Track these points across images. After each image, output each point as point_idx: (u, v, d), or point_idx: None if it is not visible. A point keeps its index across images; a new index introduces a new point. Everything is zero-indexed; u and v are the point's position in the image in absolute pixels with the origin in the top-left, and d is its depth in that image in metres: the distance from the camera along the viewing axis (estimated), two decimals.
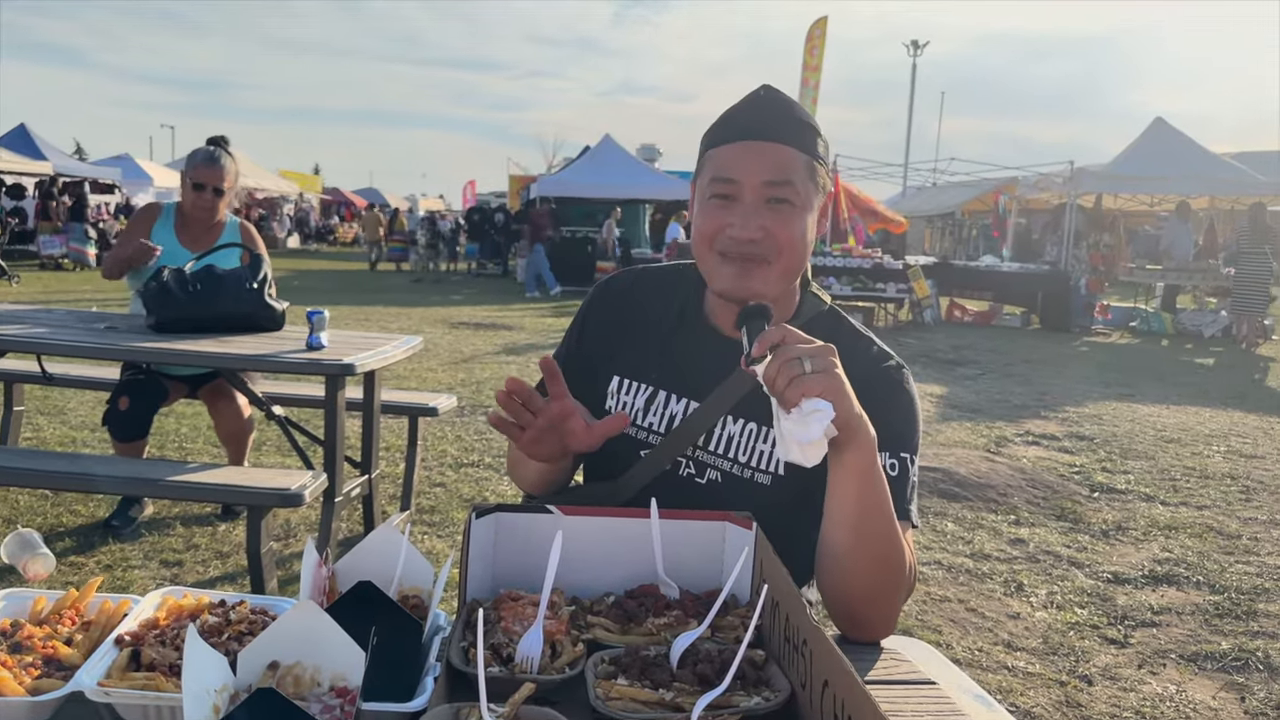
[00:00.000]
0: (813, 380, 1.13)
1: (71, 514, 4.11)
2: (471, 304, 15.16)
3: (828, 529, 1.30)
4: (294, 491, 2.85)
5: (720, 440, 1.49)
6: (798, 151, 1.38)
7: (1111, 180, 15.65)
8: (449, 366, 8.41)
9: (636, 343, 1.56)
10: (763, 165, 1.37)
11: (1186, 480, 5.60)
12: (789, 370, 1.14)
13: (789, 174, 1.37)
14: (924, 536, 4.39)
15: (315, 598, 1.12)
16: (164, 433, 5.53)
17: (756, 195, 1.37)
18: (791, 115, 1.41)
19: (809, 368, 1.14)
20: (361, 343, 3.57)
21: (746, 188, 1.38)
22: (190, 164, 3.93)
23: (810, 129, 1.42)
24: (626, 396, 1.55)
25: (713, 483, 1.50)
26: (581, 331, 1.63)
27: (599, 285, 1.67)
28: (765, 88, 1.46)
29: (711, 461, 1.50)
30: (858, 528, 1.27)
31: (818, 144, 1.43)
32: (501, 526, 1.28)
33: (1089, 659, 3.27)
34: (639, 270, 1.67)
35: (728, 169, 1.40)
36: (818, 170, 1.41)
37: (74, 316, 3.86)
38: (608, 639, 1.17)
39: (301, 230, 34.58)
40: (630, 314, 1.58)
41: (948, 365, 9.94)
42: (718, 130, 1.44)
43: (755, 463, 1.48)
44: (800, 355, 1.15)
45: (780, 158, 1.38)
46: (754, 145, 1.38)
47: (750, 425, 1.48)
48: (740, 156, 1.39)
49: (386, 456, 5.19)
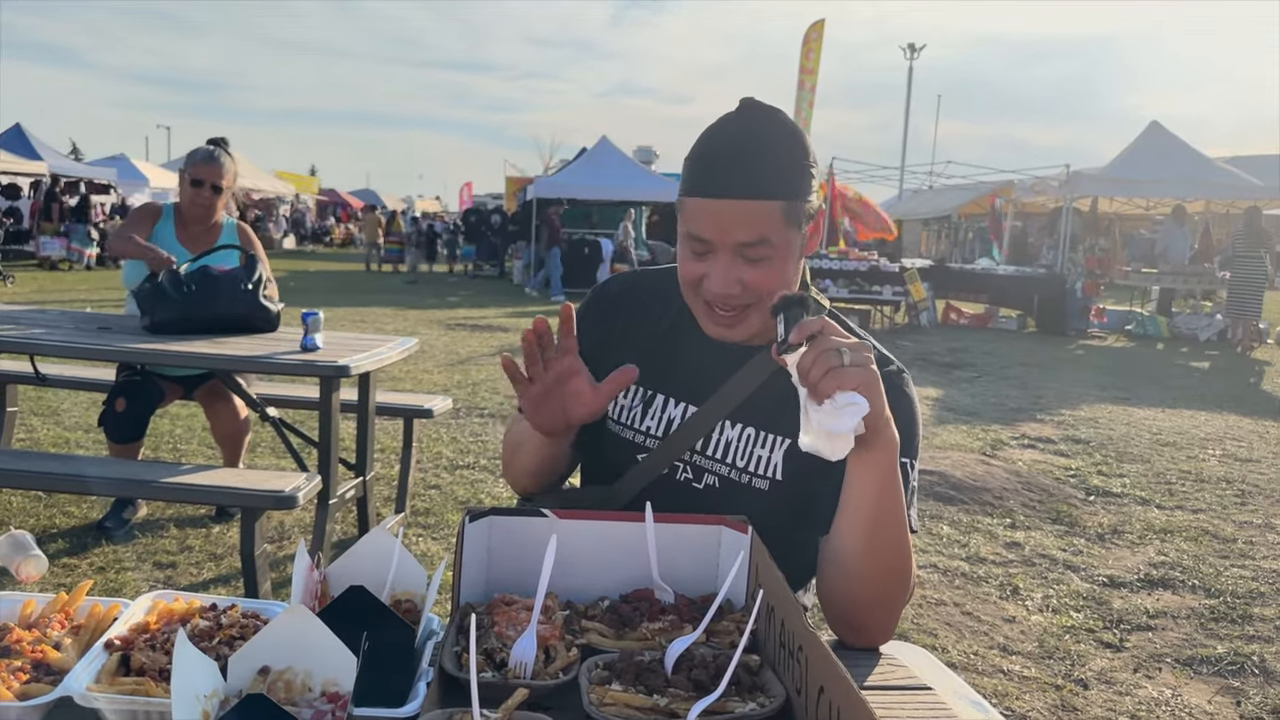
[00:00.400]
0: (850, 373, 1.12)
1: (65, 515, 4.09)
2: (468, 305, 15.15)
3: (840, 532, 1.29)
4: (288, 494, 2.84)
5: (718, 445, 1.48)
6: (774, 202, 1.31)
7: (1107, 184, 15.68)
8: (444, 368, 8.40)
9: (635, 345, 1.54)
10: (736, 226, 1.32)
11: (1182, 484, 5.60)
12: (826, 360, 1.13)
13: (764, 231, 1.32)
14: (920, 540, 4.39)
15: (307, 602, 1.11)
16: (158, 434, 5.51)
17: (731, 253, 1.33)
18: (767, 159, 1.32)
19: (847, 360, 1.13)
20: (356, 344, 3.56)
21: (720, 247, 1.34)
22: (190, 161, 3.93)
23: (789, 166, 1.33)
24: (624, 400, 1.54)
25: (710, 487, 1.49)
26: (579, 334, 1.62)
27: (598, 287, 1.66)
28: (742, 112, 1.37)
29: (709, 466, 1.49)
30: (872, 532, 1.27)
31: (799, 179, 1.34)
32: (495, 530, 1.27)
33: (1084, 663, 3.26)
34: (638, 272, 1.66)
35: (700, 228, 1.35)
36: (800, 208, 1.34)
37: (68, 317, 3.84)
38: (602, 644, 1.16)
39: (297, 231, 34.55)
40: (629, 316, 1.57)
41: (944, 368, 9.94)
42: (691, 174, 1.36)
43: (753, 468, 1.47)
44: (839, 347, 1.14)
45: (754, 216, 1.31)
46: (726, 205, 1.31)
47: (749, 430, 1.47)
48: (712, 217, 1.33)
49: (381, 458, 5.18)
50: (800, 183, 1.33)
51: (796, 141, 1.34)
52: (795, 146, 1.34)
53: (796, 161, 1.33)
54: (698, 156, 1.36)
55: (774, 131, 1.33)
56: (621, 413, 1.54)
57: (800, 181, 1.33)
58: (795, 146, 1.34)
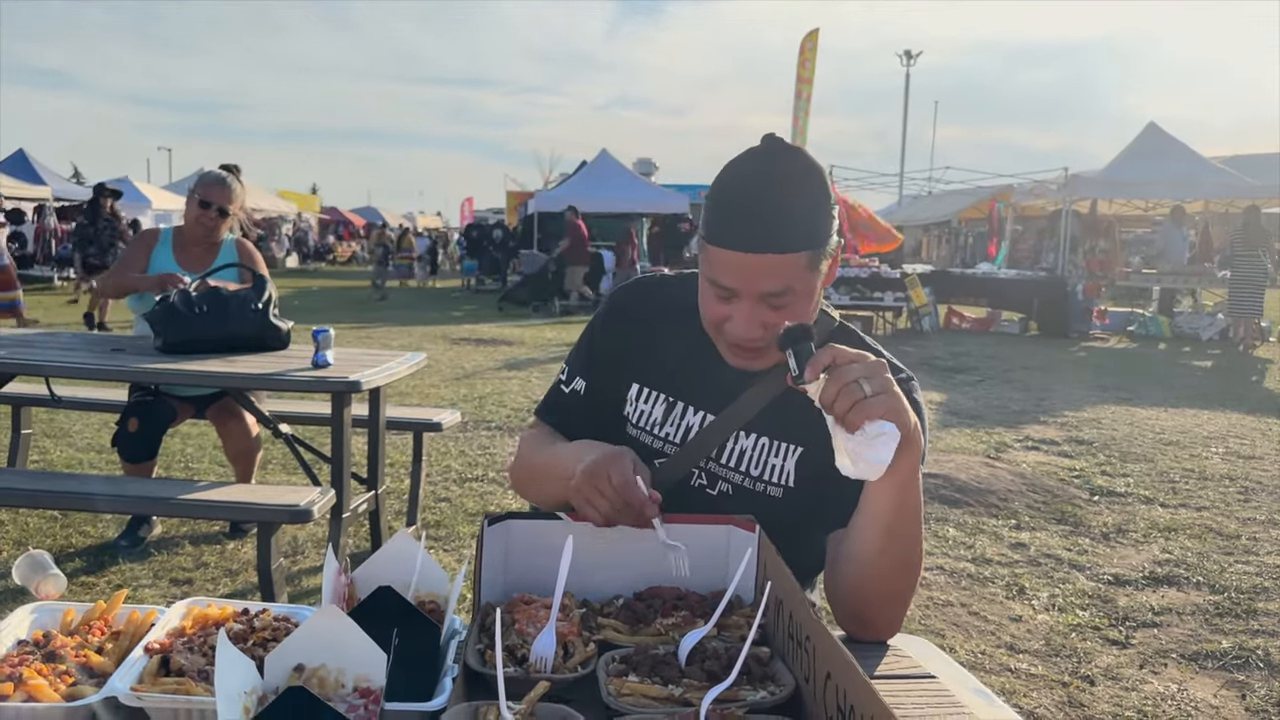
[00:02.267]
0: (875, 403, 1.12)
1: (81, 535, 4.14)
2: (472, 320, 15.21)
3: (859, 531, 1.32)
4: (303, 508, 2.90)
5: (733, 454, 1.52)
6: (798, 254, 1.33)
7: (1106, 186, 15.74)
8: (451, 383, 8.46)
9: (656, 352, 1.58)
10: (760, 278, 1.34)
11: (1185, 482, 5.64)
12: (849, 395, 1.12)
13: (788, 282, 1.34)
14: (926, 542, 4.41)
15: (336, 603, 1.17)
16: (169, 453, 5.56)
17: (755, 300, 1.36)
18: (792, 212, 1.33)
19: (868, 390, 1.13)
20: (366, 360, 3.62)
21: (744, 295, 1.36)
22: (201, 182, 4.01)
23: (813, 216, 1.34)
24: (644, 405, 1.58)
25: (723, 494, 1.53)
26: (604, 334, 1.63)
27: (617, 292, 1.68)
28: (765, 157, 1.35)
29: (723, 474, 1.53)
30: (890, 530, 1.29)
31: (822, 226, 1.35)
32: (513, 533, 1.32)
33: (1091, 660, 3.30)
34: (654, 279, 1.68)
35: (723, 277, 1.36)
36: (820, 255, 1.36)
37: (81, 339, 3.91)
38: (618, 639, 1.21)
39: (300, 250, 34.67)
40: (651, 322, 1.59)
41: (947, 372, 9.98)
42: (714, 221, 1.36)
43: (767, 476, 1.51)
44: (858, 378, 1.13)
45: (779, 268, 1.33)
46: (750, 259, 1.33)
47: (763, 440, 1.51)
48: (737, 268, 1.34)
49: (392, 472, 5.23)
50: (823, 230, 1.36)
51: (819, 187, 1.35)
52: (818, 193, 1.35)
53: (819, 208, 1.35)
54: (721, 204, 1.36)
55: (797, 179, 1.34)
56: (642, 418, 1.57)
57: (823, 229, 1.36)
58: (818, 193, 1.35)
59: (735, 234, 1.34)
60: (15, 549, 3.90)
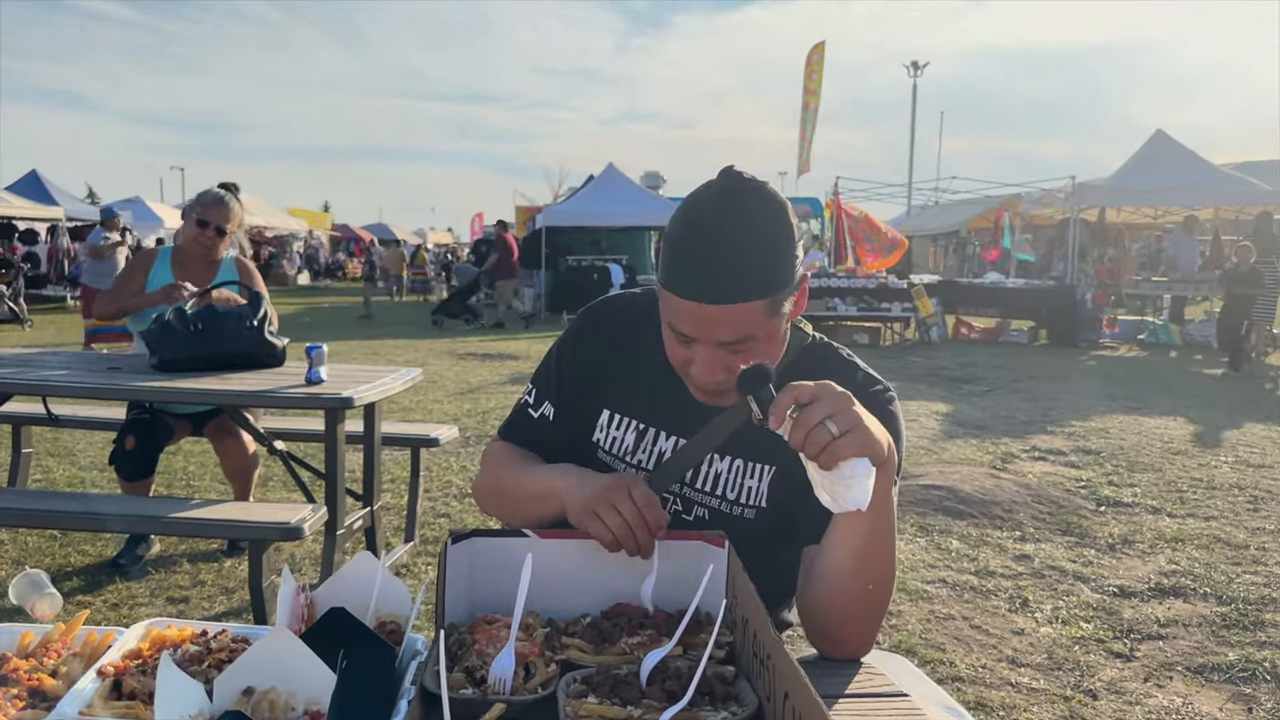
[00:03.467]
0: (845, 444, 1.10)
1: (80, 554, 4.14)
2: (479, 334, 15.23)
3: (831, 552, 1.30)
4: (294, 525, 2.88)
5: (707, 478, 1.49)
6: (756, 302, 1.28)
7: (1113, 194, 15.67)
8: (455, 398, 8.46)
9: (627, 375, 1.54)
10: (717, 327, 1.30)
11: (1194, 491, 5.58)
12: (817, 439, 1.10)
13: (746, 330, 1.30)
14: (928, 555, 4.39)
15: (293, 625, 1.15)
16: (172, 470, 5.57)
17: (714, 347, 1.32)
18: (747, 262, 1.27)
19: (835, 430, 1.10)
20: (360, 376, 3.61)
21: (703, 344, 1.32)
22: (199, 202, 4.02)
23: (770, 262, 1.28)
24: (616, 431, 1.54)
25: (699, 519, 1.50)
26: (573, 358, 1.58)
27: (592, 308, 1.63)
28: (721, 198, 1.29)
29: (698, 499, 1.50)
30: (862, 552, 1.27)
31: (781, 270, 1.30)
32: (478, 552, 1.30)
33: (1094, 673, 3.26)
34: (631, 296, 1.62)
35: (680, 324, 1.33)
36: (780, 299, 1.31)
37: (78, 358, 3.91)
38: (581, 659, 1.19)
39: (311, 267, 34.85)
40: (623, 344, 1.55)
41: (954, 383, 9.93)
42: (669, 268, 1.32)
43: (743, 499, 1.48)
44: (823, 419, 1.10)
45: (734, 318, 1.28)
46: (704, 309, 1.28)
47: (737, 462, 1.48)
48: (691, 317, 1.30)
49: (392, 488, 5.22)
50: (782, 274, 1.30)
51: (778, 229, 1.30)
52: (776, 237, 1.29)
53: (778, 254, 1.29)
54: (674, 250, 1.31)
55: (753, 225, 1.28)
56: (614, 444, 1.54)
57: (782, 272, 1.30)
58: (776, 237, 1.29)
59: (687, 283, 1.29)
60: (13, 568, 3.90)
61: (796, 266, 1.34)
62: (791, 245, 1.32)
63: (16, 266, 16.72)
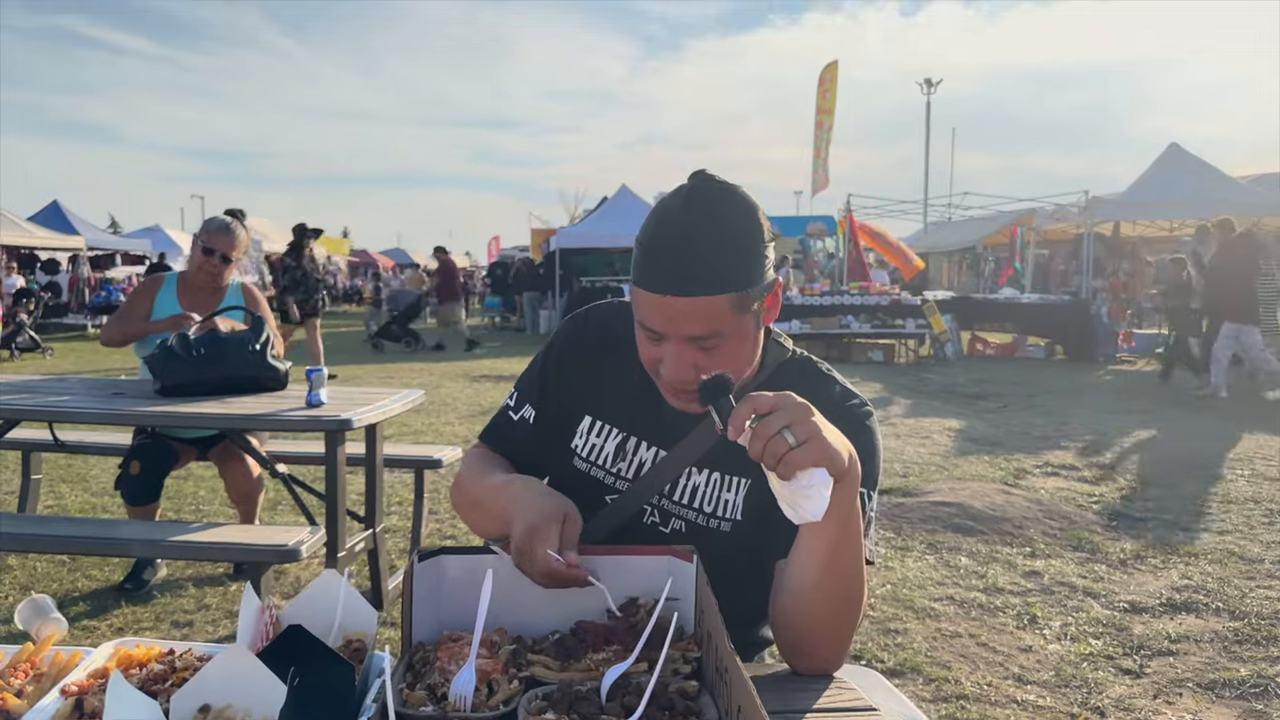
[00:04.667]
0: (802, 454, 1.09)
1: (88, 579, 4.17)
2: (493, 357, 15.28)
3: (797, 564, 1.29)
4: (291, 548, 2.89)
5: (685, 490, 1.49)
6: (722, 296, 1.29)
7: (1127, 208, 15.60)
8: (466, 419, 8.47)
9: (611, 383, 1.54)
10: (683, 321, 1.30)
11: (1207, 506, 5.51)
12: (775, 448, 1.10)
13: (713, 325, 1.30)
14: (936, 572, 4.35)
15: (255, 644, 1.15)
16: (181, 495, 5.61)
17: (682, 343, 1.32)
18: (712, 255, 1.28)
19: (792, 440, 1.10)
20: (361, 398, 3.62)
21: (671, 339, 1.33)
22: (205, 229, 4.08)
23: (736, 258, 1.29)
24: (596, 439, 1.54)
25: (676, 532, 1.49)
26: (558, 363, 1.58)
27: (575, 317, 1.63)
28: (690, 197, 1.32)
29: (676, 511, 1.49)
30: (826, 564, 1.26)
31: (747, 267, 1.30)
32: (446, 569, 1.30)
33: (1102, 690, 3.21)
34: (615, 307, 1.62)
35: (649, 319, 1.34)
36: (750, 294, 1.31)
37: (84, 384, 3.95)
38: (546, 675, 1.18)
39: (330, 292, 35.14)
40: (606, 352, 1.55)
41: (969, 399, 9.86)
42: (638, 263, 1.34)
43: (720, 512, 1.47)
44: (780, 429, 1.10)
45: (701, 311, 1.29)
46: (671, 302, 1.29)
47: (715, 475, 1.48)
48: (660, 312, 1.31)
49: (399, 510, 5.23)
50: (749, 271, 1.30)
51: (745, 226, 1.31)
52: (743, 233, 1.30)
53: (745, 250, 1.30)
54: (644, 247, 1.33)
55: (720, 221, 1.29)
56: (593, 452, 1.54)
57: (749, 269, 1.30)
58: (743, 233, 1.30)
59: (654, 276, 1.30)
60: (21, 593, 3.93)
61: (766, 267, 1.34)
62: (760, 245, 1.33)
63: (37, 296, 16.92)
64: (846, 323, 13.75)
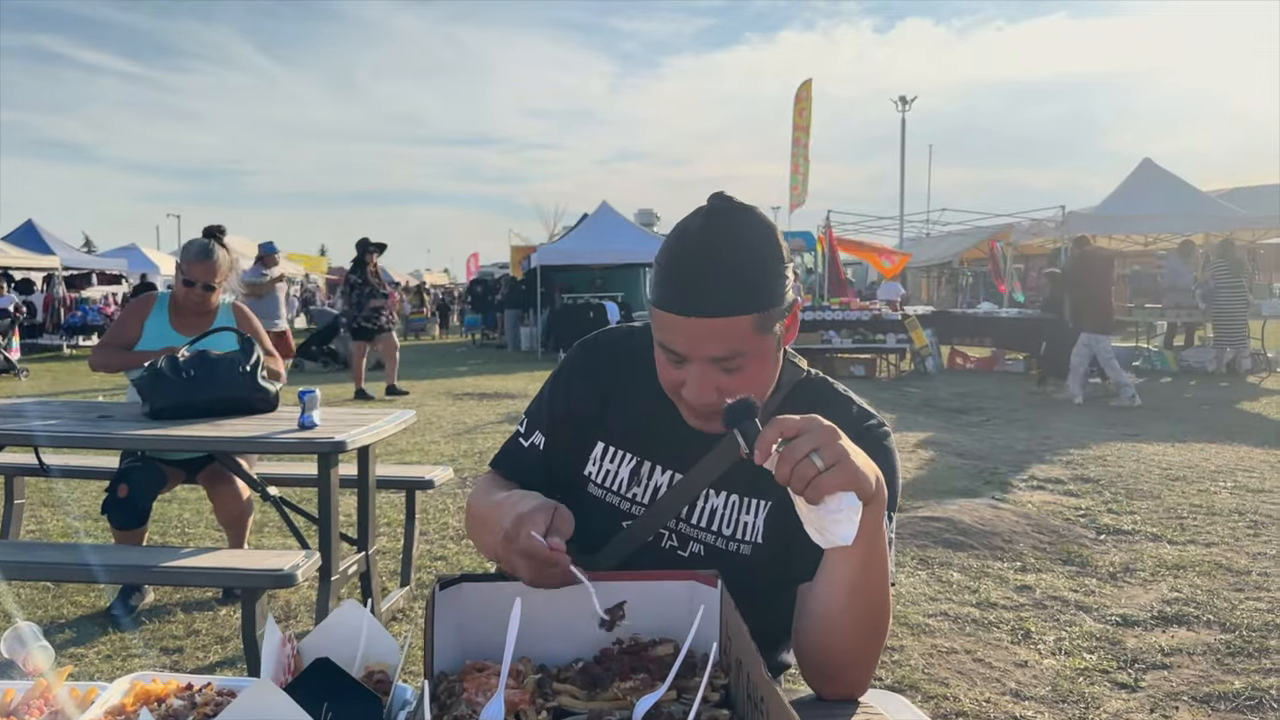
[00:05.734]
0: (830, 478, 1.08)
1: (73, 605, 4.10)
2: (475, 374, 15.22)
3: (821, 589, 1.28)
4: (286, 572, 2.85)
5: (703, 513, 1.48)
6: (746, 317, 1.29)
7: (1102, 222, 15.77)
8: (451, 438, 8.43)
9: (623, 408, 1.53)
10: (706, 342, 1.30)
11: (1194, 518, 5.55)
12: (803, 473, 1.09)
13: (736, 346, 1.31)
14: (929, 588, 4.36)
15: (279, 676, 1.13)
16: (166, 519, 5.53)
17: (705, 364, 1.32)
18: (735, 276, 1.29)
19: (821, 464, 1.09)
20: (353, 419, 3.59)
21: (694, 360, 1.33)
22: (184, 258, 4.01)
23: (758, 279, 1.30)
24: (610, 465, 1.52)
25: (695, 555, 1.48)
26: (567, 389, 1.58)
27: (585, 343, 1.63)
28: (710, 218, 1.32)
29: (694, 534, 1.48)
30: (853, 589, 1.25)
31: (769, 288, 1.31)
32: (467, 597, 1.28)
33: (1099, 705, 3.22)
34: (626, 330, 1.62)
35: (671, 341, 1.34)
36: (772, 315, 1.32)
37: (70, 408, 3.89)
38: (573, 705, 1.17)
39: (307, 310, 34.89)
40: (617, 377, 1.54)
41: (951, 413, 9.91)
42: (660, 285, 1.34)
43: (739, 535, 1.46)
44: (808, 452, 1.09)
45: (724, 332, 1.29)
46: (695, 324, 1.29)
47: (733, 497, 1.47)
48: (683, 333, 1.31)
49: (389, 532, 5.19)
50: (771, 292, 1.31)
51: (766, 247, 1.31)
52: (764, 254, 1.31)
53: (766, 270, 1.31)
54: (665, 267, 1.33)
55: (742, 242, 1.30)
56: (607, 477, 1.52)
57: (771, 290, 1.31)
58: (764, 254, 1.31)
59: (677, 297, 1.30)
60: (5, 621, 3.86)
61: (786, 288, 1.34)
62: (781, 265, 1.33)
63: (12, 316, 16.71)
64: (828, 338, 13.81)
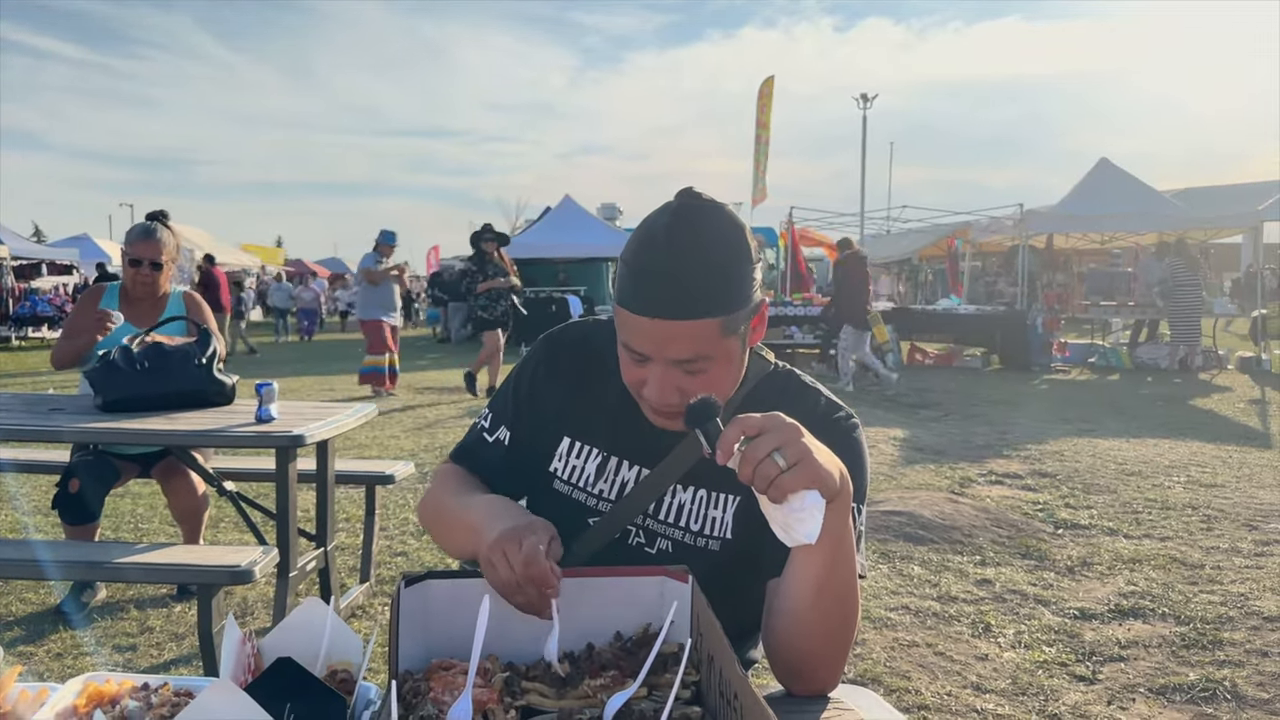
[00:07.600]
0: (793, 477, 1.07)
1: (22, 602, 4.00)
2: (437, 368, 15.10)
3: (791, 585, 1.27)
4: (244, 568, 2.80)
5: (670, 509, 1.46)
6: (710, 320, 1.27)
7: (1060, 220, 16.01)
8: (411, 433, 8.35)
9: (587, 403, 1.50)
10: (669, 344, 1.28)
11: (1149, 512, 5.65)
12: (765, 471, 1.08)
13: (700, 349, 1.29)
14: (891, 581, 4.38)
15: (239, 676, 1.10)
16: (119, 513, 5.42)
17: (667, 365, 1.30)
18: (701, 278, 1.26)
19: (783, 463, 1.08)
20: (312, 413, 3.53)
21: (656, 360, 1.31)
22: (128, 239, 3.93)
23: (724, 280, 1.27)
24: (576, 460, 1.50)
25: (663, 552, 1.46)
26: (532, 384, 1.55)
27: (550, 336, 1.60)
28: (677, 217, 1.29)
29: (662, 530, 1.46)
30: (822, 582, 1.24)
31: (736, 289, 1.29)
32: (433, 595, 1.26)
33: (1058, 697, 3.25)
34: (593, 323, 1.59)
35: (635, 341, 1.31)
36: (737, 317, 1.30)
37: (19, 400, 3.79)
38: (542, 704, 1.15)
39: (264, 303, 34.42)
40: (584, 371, 1.52)
41: (910, 408, 10.01)
42: (624, 284, 1.31)
43: (707, 530, 1.45)
44: (770, 451, 1.08)
45: (688, 335, 1.27)
46: (657, 325, 1.27)
47: (701, 492, 1.45)
48: (644, 334, 1.29)
49: (348, 527, 5.12)
50: (737, 293, 1.29)
51: (734, 248, 1.29)
52: (732, 255, 1.28)
53: (733, 272, 1.28)
54: (630, 267, 1.30)
55: (709, 243, 1.27)
56: (573, 473, 1.50)
57: (737, 292, 1.29)
58: (732, 255, 1.28)
59: (641, 298, 1.28)
60: None
61: (754, 289, 1.32)
62: (749, 266, 1.31)
63: None
64: (790, 333, 13.87)
